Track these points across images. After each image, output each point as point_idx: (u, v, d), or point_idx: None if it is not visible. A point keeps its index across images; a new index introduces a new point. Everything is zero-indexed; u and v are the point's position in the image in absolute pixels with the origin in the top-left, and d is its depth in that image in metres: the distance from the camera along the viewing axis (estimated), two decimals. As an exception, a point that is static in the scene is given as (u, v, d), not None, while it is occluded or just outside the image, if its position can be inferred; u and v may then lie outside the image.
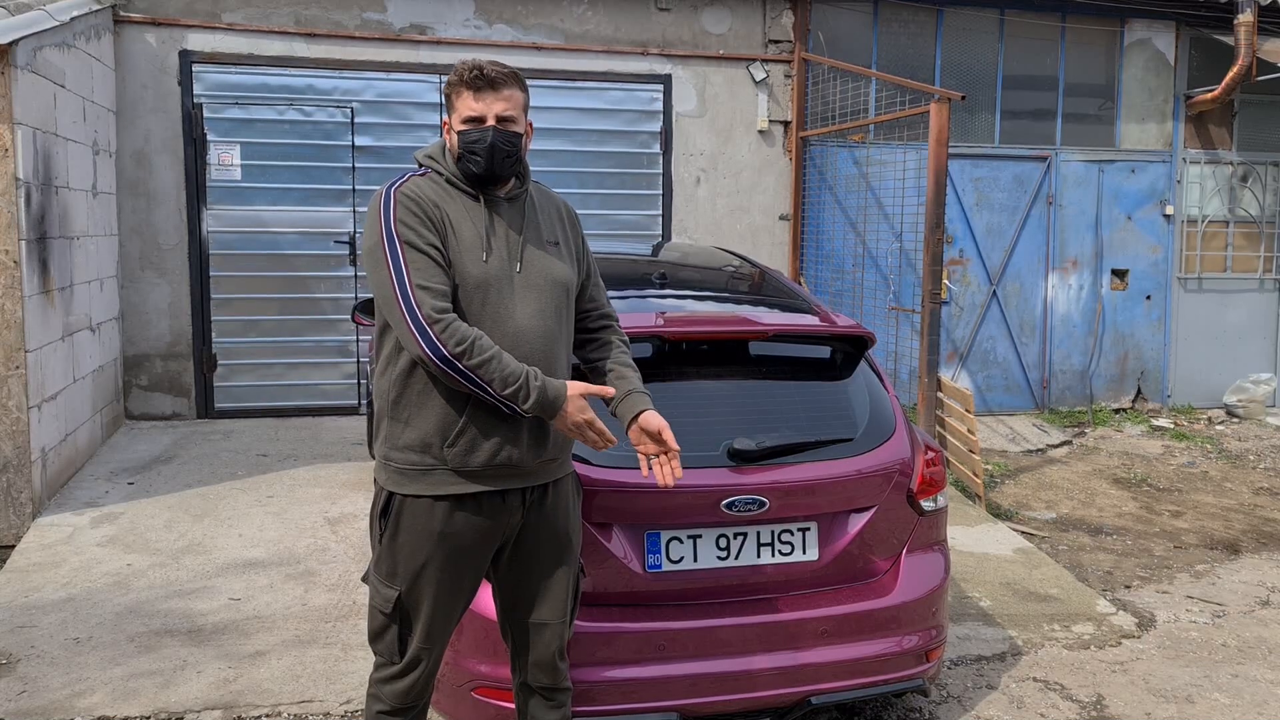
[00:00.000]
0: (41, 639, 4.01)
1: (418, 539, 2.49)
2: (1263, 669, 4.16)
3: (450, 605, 2.56)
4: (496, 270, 2.47)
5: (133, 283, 7.36)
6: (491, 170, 2.48)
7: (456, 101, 2.50)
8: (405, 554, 2.50)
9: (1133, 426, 8.79)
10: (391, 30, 7.60)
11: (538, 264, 2.54)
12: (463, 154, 2.48)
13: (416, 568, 2.50)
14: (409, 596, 2.52)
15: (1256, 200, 9.49)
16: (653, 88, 8.14)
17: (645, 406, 2.57)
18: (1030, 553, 5.40)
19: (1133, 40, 9.07)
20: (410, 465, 2.48)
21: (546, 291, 2.53)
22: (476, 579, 2.60)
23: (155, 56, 7.27)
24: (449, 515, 2.48)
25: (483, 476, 2.48)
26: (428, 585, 2.51)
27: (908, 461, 3.32)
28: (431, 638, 2.56)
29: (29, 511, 5.25)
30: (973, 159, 8.73)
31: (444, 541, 2.49)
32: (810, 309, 3.73)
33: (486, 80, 2.47)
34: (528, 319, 2.49)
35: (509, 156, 2.50)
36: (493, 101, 2.47)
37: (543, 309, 2.51)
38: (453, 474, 2.47)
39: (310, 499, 5.73)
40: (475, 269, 2.45)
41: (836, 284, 8.39)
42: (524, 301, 2.49)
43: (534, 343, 2.48)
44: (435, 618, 2.54)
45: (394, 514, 2.51)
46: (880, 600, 3.22)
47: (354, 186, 7.65)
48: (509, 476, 2.51)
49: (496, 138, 2.46)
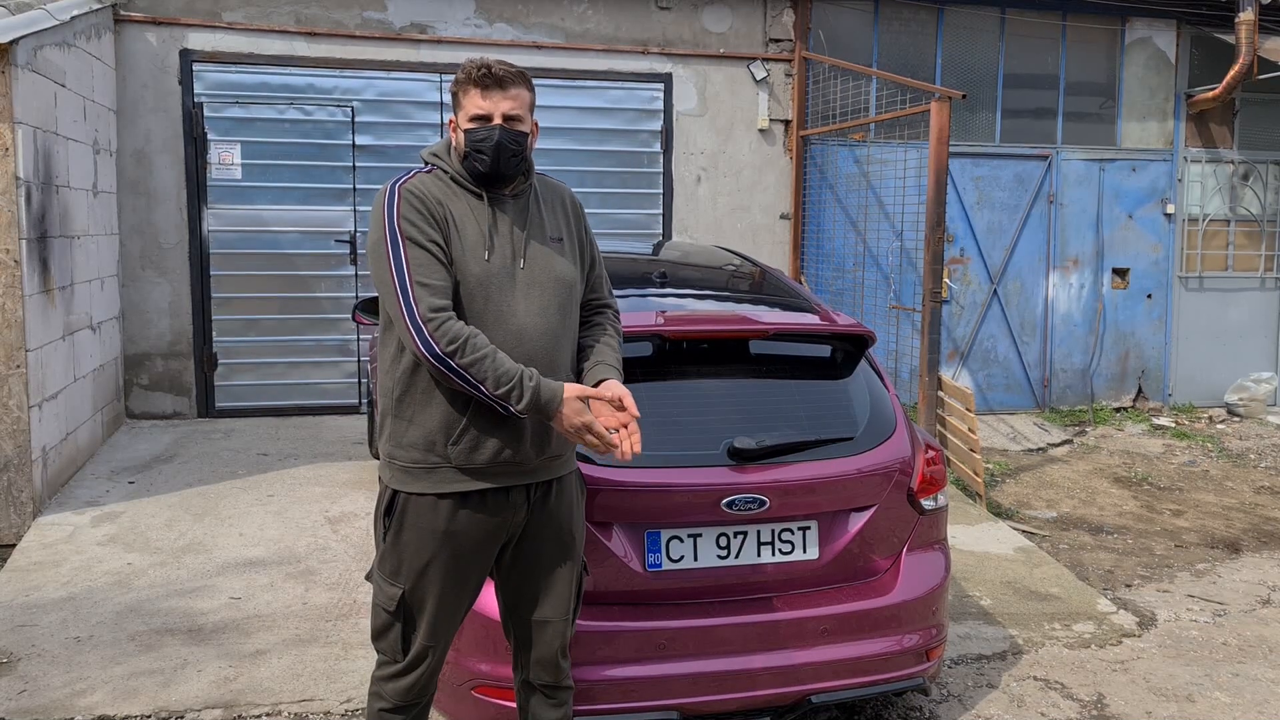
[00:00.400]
0: (42, 638, 4.01)
1: (422, 536, 2.49)
2: (1263, 668, 4.16)
3: (454, 603, 2.56)
4: (499, 268, 2.47)
5: (133, 282, 7.36)
6: (498, 169, 2.49)
7: (464, 99, 2.49)
8: (410, 552, 2.51)
9: (1134, 425, 8.78)
10: (392, 29, 7.60)
11: (541, 261, 2.54)
12: (469, 152, 2.48)
13: (421, 565, 2.50)
14: (413, 594, 2.52)
15: (1258, 199, 9.48)
16: (653, 86, 8.14)
17: (605, 377, 2.54)
18: (1031, 552, 5.40)
19: (1134, 39, 9.06)
20: (414, 463, 2.49)
21: (550, 289, 2.53)
22: (481, 576, 2.60)
23: (156, 55, 7.27)
24: (453, 513, 2.48)
25: (487, 474, 2.48)
26: (432, 583, 2.51)
27: (908, 460, 3.31)
28: (436, 635, 2.56)
29: (30, 510, 5.26)
30: (974, 158, 8.73)
31: (448, 539, 2.49)
32: (810, 308, 3.73)
33: (494, 79, 2.46)
34: (530, 317, 2.48)
35: (515, 155, 2.50)
36: (500, 100, 2.47)
37: (545, 307, 2.51)
38: (457, 471, 2.47)
39: (311, 498, 5.73)
40: (477, 267, 2.45)
41: (837, 283, 8.38)
42: (527, 299, 2.49)
43: (536, 340, 2.48)
44: (439, 615, 2.54)
45: (398, 512, 2.52)
46: (880, 599, 3.22)
47: (354, 186, 7.65)
48: (513, 474, 2.51)
49: (503, 136, 2.46)
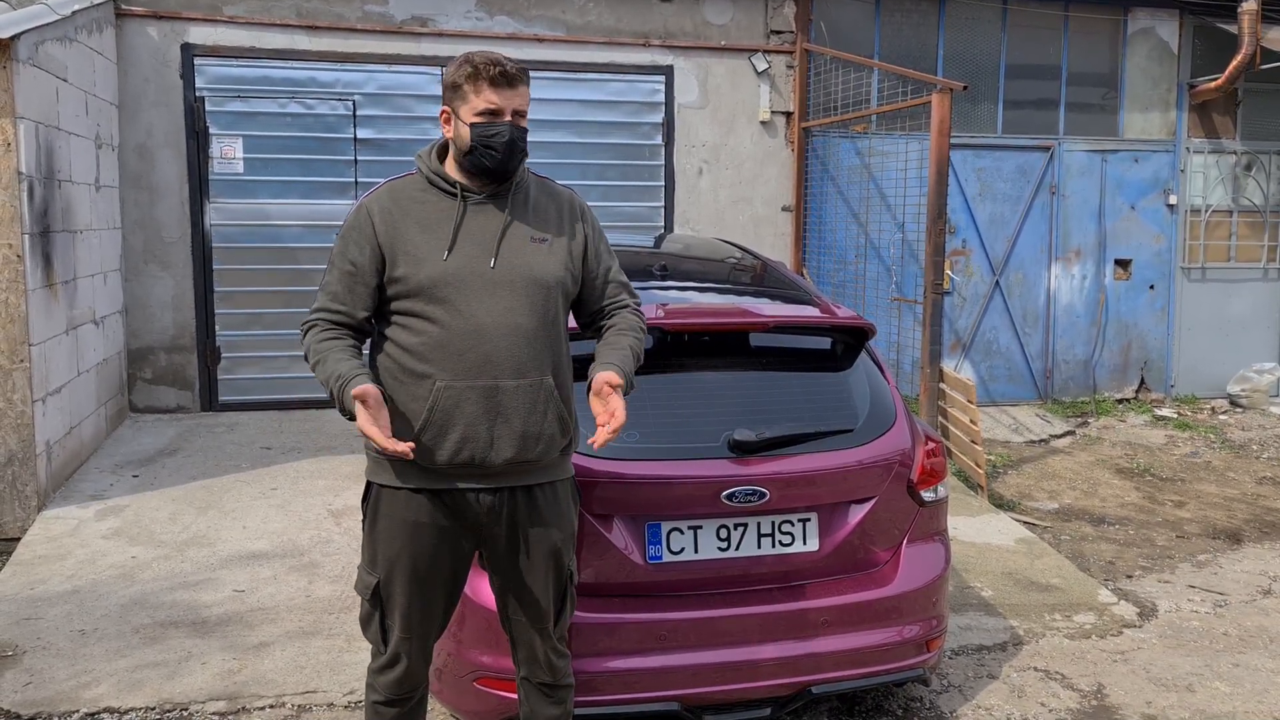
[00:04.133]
0: (47, 631, 4.03)
1: (394, 527, 2.53)
2: (1264, 658, 4.17)
3: (426, 598, 2.56)
4: (460, 268, 2.46)
5: (136, 276, 7.37)
6: (505, 165, 2.49)
7: (471, 94, 2.46)
8: (382, 542, 2.55)
9: (1136, 416, 8.78)
10: (393, 22, 7.60)
11: (514, 261, 2.50)
12: (476, 146, 2.46)
13: (392, 556, 2.53)
14: (386, 585, 2.55)
15: (1260, 189, 9.45)
16: (654, 79, 8.13)
17: (601, 370, 2.50)
18: (1032, 543, 5.41)
19: (1136, 29, 9.03)
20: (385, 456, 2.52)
21: (521, 289, 2.49)
22: (455, 574, 2.60)
23: (157, 50, 7.27)
24: (422, 506, 2.51)
25: (447, 474, 2.49)
26: (401, 575, 2.53)
27: (908, 452, 3.32)
28: (410, 629, 2.57)
29: (34, 504, 5.28)
30: (975, 149, 8.71)
31: (416, 532, 2.52)
32: (810, 300, 3.73)
33: (507, 77, 2.46)
34: (493, 316, 2.46)
35: (521, 153, 2.52)
36: (511, 97, 2.47)
37: (513, 306, 2.47)
38: (420, 469, 2.49)
39: (314, 491, 5.75)
40: (432, 269, 2.45)
41: (839, 275, 8.38)
42: (493, 299, 2.46)
43: (498, 340, 2.45)
44: (411, 609, 2.56)
45: (373, 502, 2.58)
46: (881, 590, 3.23)
47: (356, 179, 7.65)
48: (475, 476, 2.50)
49: (515, 134, 2.47)
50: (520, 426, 2.48)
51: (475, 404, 2.45)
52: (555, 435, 2.55)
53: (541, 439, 2.52)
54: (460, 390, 2.44)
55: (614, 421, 2.41)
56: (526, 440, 2.50)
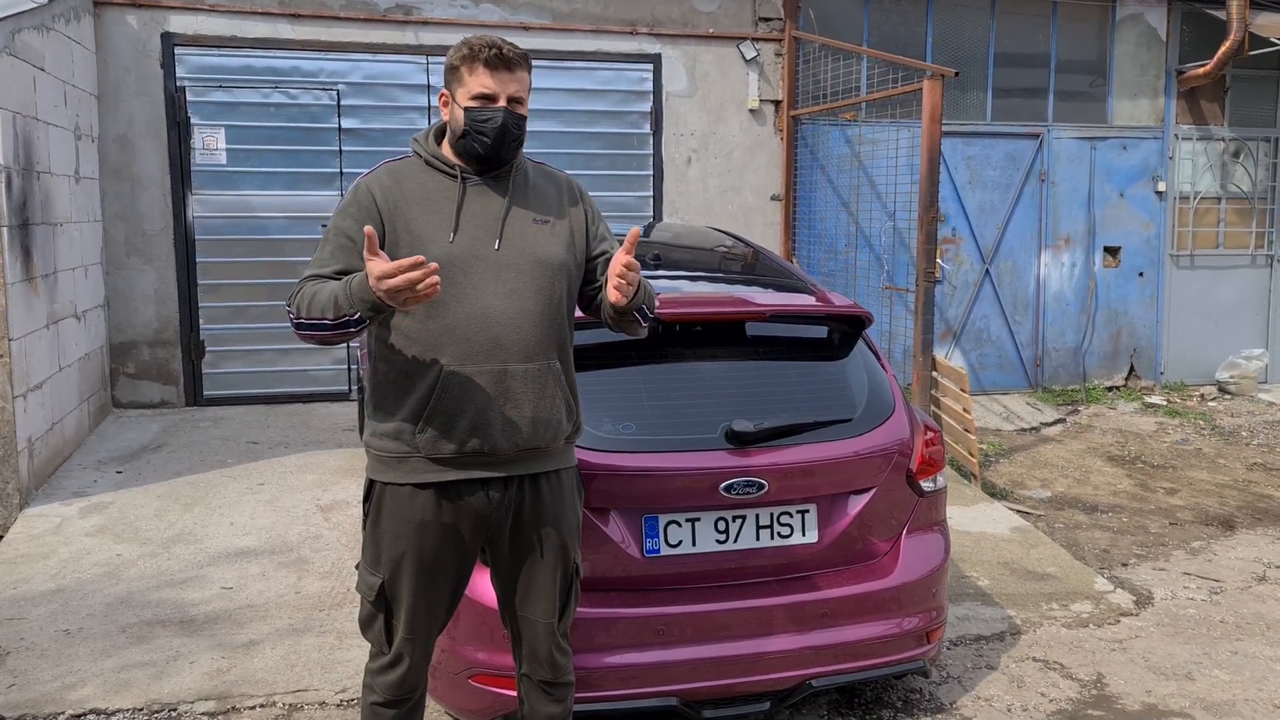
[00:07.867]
0: (31, 631, 3.96)
1: (398, 526, 2.46)
2: (1261, 645, 4.16)
3: (432, 596, 2.51)
4: (466, 250, 2.40)
5: (118, 269, 7.27)
6: (498, 151, 2.43)
7: (467, 77, 2.41)
8: (387, 541, 2.48)
9: (1126, 404, 8.79)
10: (377, 11, 7.50)
11: (518, 243, 2.46)
12: (469, 131, 2.41)
13: (397, 555, 2.46)
14: (391, 585, 2.49)
15: (1248, 176, 9.46)
16: (642, 67, 8.06)
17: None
18: (1027, 531, 5.39)
19: (1124, 15, 9.01)
20: (388, 452, 2.46)
21: (526, 271, 2.45)
22: (461, 570, 2.54)
23: (137, 39, 7.15)
24: (427, 503, 2.44)
25: (456, 464, 2.43)
26: (407, 574, 2.47)
27: (907, 442, 3.28)
28: (414, 629, 2.51)
29: (16, 502, 5.19)
30: (965, 137, 8.68)
31: (423, 530, 2.45)
32: (807, 289, 3.69)
33: (504, 60, 2.40)
34: (499, 298, 2.41)
35: (516, 139, 2.45)
36: (508, 81, 2.41)
37: (518, 289, 2.43)
38: (427, 461, 2.43)
39: (302, 486, 5.68)
40: (438, 249, 2.38)
41: (829, 264, 8.34)
42: (498, 280, 2.42)
43: (504, 322, 2.41)
44: (417, 608, 2.50)
45: (375, 500, 2.50)
46: (880, 582, 3.20)
47: (341, 170, 7.56)
48: (484, 465, 2.45)
49: (508, 119, 2.41)
50: (530, 411, 2.43)
51: (484, 389, 2.39)
52: (562, 420, 2.51)
53: (550, 424, 2.48)
54: (468, 375, 2.38)
55: (631, 276, 2.31)
56: (537, 425, 2.45)
